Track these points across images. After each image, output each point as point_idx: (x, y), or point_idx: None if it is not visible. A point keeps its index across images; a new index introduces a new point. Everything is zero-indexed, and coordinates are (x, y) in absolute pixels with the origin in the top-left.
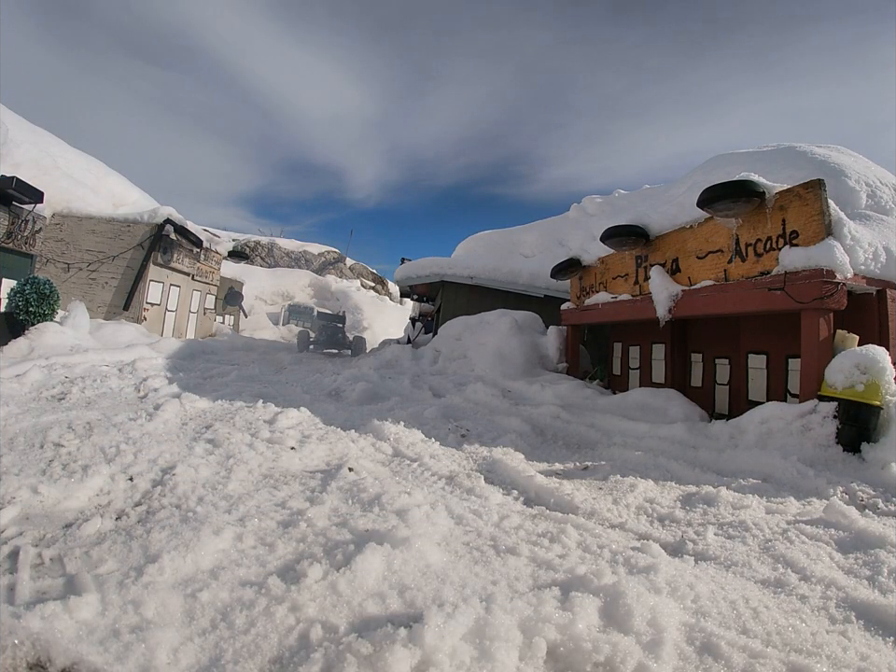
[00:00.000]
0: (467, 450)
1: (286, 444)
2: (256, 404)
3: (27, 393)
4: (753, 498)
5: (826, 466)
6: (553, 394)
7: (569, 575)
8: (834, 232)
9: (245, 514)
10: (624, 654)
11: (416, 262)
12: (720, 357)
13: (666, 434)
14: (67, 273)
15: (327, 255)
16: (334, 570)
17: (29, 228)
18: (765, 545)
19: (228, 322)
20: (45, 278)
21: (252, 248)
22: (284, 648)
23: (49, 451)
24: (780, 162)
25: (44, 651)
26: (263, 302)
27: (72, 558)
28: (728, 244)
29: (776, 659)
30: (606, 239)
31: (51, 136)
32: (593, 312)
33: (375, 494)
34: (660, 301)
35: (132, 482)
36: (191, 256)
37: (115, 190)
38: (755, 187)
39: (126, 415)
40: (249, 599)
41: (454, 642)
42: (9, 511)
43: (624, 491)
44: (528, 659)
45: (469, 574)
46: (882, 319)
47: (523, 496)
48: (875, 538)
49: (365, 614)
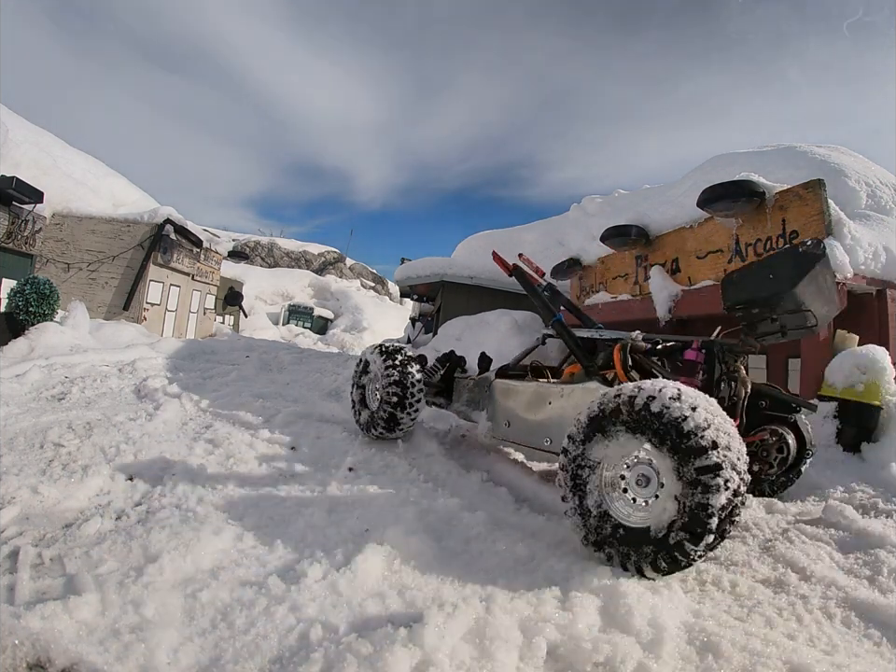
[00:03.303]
0: (466, 449)
1: (286, 444)
2: (255, 404)
3: (27, 393)
4: (753, 498)
5: (826, 466)
6: None
7: (569, 575)
8: (834, 232)
9: (245, 514)
10: (624, 654)
11: (416, 262)
12: None
13: None
14: (67, 273)
15: (327, 255)
16: (334, 570)
17: (29, 228)
18: (765, 545)
19: (228, 322)
20: (45, 278)
21: (252, 248)
22: (284, 648)
23: (48, 451)
24: (780, 162)
25: (44, 651)
26: (263, 302)
27: (72, 558)
28: (728, 244)
29: (776, 659)
30: (606, 239)
31: (51, 136)
32: (593, 312)
33: (375, 493)
34: (660, 301)
35: (132, 482)
36: (191, 256)
37: (115, 190)
38: (755, 187)
39: (126, 415)
40: (249, 599)
41: (453, 642)
42: (9, 510)
43: None
44: (528, 659)
45: (469, 573)
46: (882, 319)
47: (523, 495)
48: (875, 538)
49: (365, 614)
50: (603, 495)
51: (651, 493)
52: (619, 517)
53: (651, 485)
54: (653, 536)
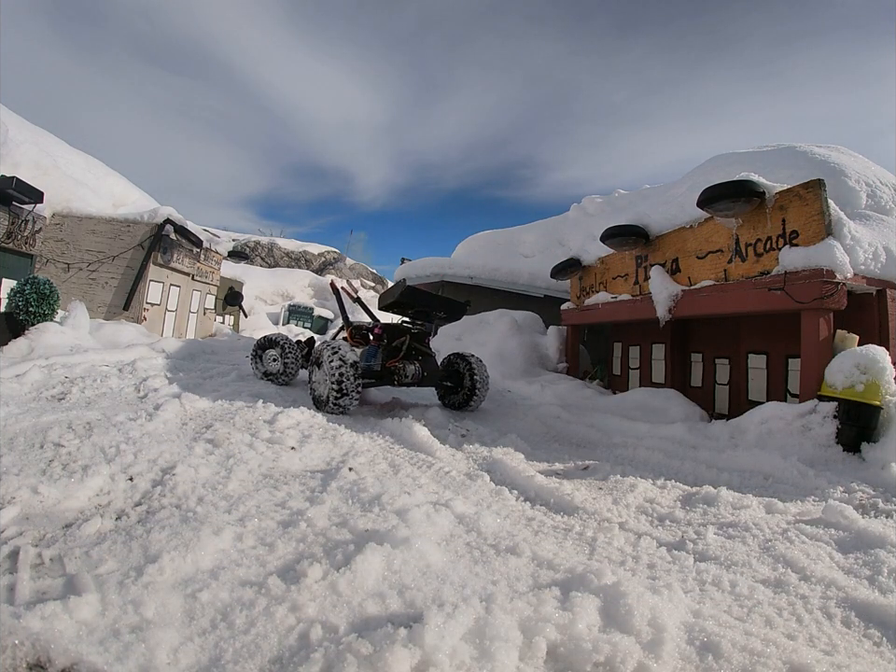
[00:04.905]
0: (467, 450)
1: (286, 444)
2: (256, 404)
3: (27, 393)
4: (753, 498)
5: (826, 466)
6: (552, 394)
7: (569, 575)
8: (834, 232)
9: (245, 514)
10: (625, 654)
11: (416, 262)
12: (720, 357)
13: (666, 434)
14: (67, 273)
15: (327, 255)
16: (334, 570)
17: (29, 228)
18: (765, 545)
19: (228, 322)
20: (45, 278)
21: (252, 248)
22: (284, 648)
23: (48, 451)
24: (780, 162)
25: (44, 651)
26: (263, 302)
27: (72, 558)
28: (728, 244)
29: (776, 659)
30: (606, 239)
31: (51, 136)
32: (593, 312)
33: (375, 494)
34: (660, 301)
35: (132, 482)
36: (191, 256)
37: (115, 190)
38: (755, 187)
39: (126, 415)
40: (249, 599)
41: (453, 642)
42: (9, 510)
43: (624, 491)
44: (528, 659)
45: (469, 574)
46: (882, 319)
47: (523, 495)
48: (875, 538)
49: (365, 614)
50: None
51: (323, 381)
52: (319, 391)
53: (325, 381)
54: (325, 398)
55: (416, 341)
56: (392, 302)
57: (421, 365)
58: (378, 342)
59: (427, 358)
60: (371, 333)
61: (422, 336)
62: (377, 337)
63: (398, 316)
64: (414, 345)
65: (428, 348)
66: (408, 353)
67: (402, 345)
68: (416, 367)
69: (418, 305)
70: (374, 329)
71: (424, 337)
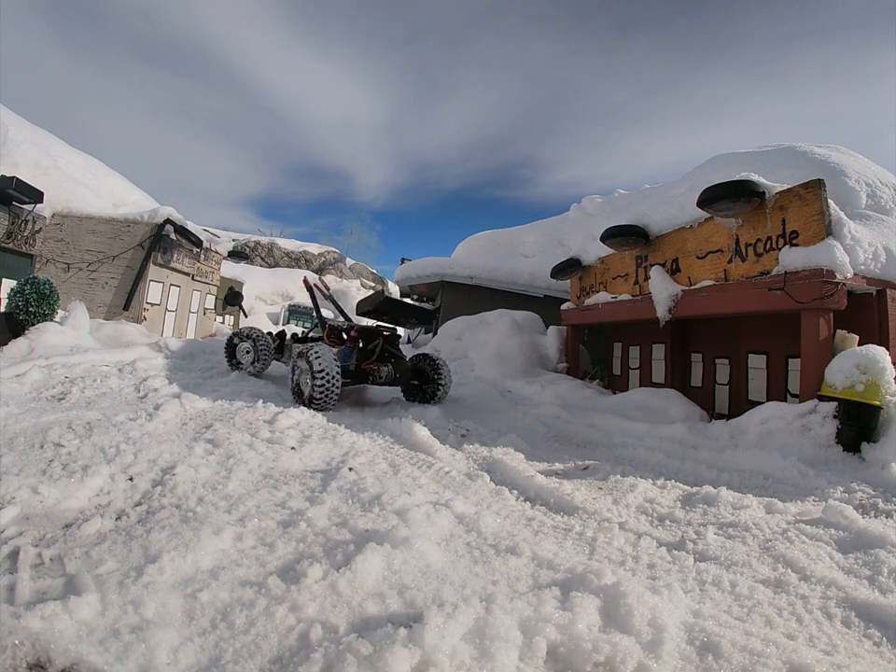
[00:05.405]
0: (467, 450)
1: (286, 444)
2: (256, 404)
3: (27, 393)
4: (753, 498)
5: (826, 466)
6: (552, 394)
7: (569, 575)
8: (834, 232)
9: (245, 514)
10: (625, 654)
11: (416, 262)
12: (720, 357)
13: (666, 434)
14: (67, 273)
15: (327, 255)
16: (334, 570)
17: (29, 228)
18: (765, 545)
19: (228, 322)
20: (45, 278)
21: (252, 248)
22: (284, 648)
23: (48, 451)
24: (780, 162)
25: (44, 651)
26: (263, 302)
27: (72, 558)
28: (728, 244)
29: (776, 659)
30: (606, 239)
31: (51, 136)
32: (593, 312)
33: (375, 494)
34: (660, 301)
35: (132, 482)
36: (191, 256)
37: (115, 190)
38: (755, 187)
39: (126, 415)
40: (249, 599)
41: (453, 642)
42: (9, 510)
43: (624, 491)
44: (528, 659)
45: (469, 574)
46: (882, 319)
47: (523, 495)
48: (875, 538)
49: (365, 614)
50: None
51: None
52: (302, 388)
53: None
54: (307, 396)
55: (388, 343)
56: (370, 310)
57: (393, 366)
58: (353, 343)
59: (398, 360)
60: (346, 334)
61: (393, 339)
62: (352, 339)
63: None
64: (387, 348)
65: (399, 350)
66: (381, 354)
67: (376, 347)
68: (389, 368)
69: (392, 312)
70: (350, 332)
71: (395, 340)
